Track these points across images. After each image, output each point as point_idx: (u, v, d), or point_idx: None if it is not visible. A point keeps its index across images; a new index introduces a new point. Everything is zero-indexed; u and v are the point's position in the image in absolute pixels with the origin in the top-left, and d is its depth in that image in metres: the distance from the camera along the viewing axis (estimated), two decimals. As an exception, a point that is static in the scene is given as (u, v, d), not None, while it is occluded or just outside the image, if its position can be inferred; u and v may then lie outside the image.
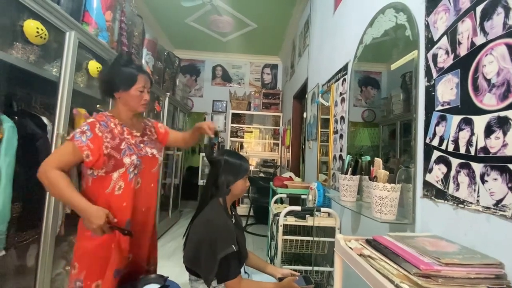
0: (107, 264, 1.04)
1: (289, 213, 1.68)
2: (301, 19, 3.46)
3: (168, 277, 1.13)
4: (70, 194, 0.96)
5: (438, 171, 0.84)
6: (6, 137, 1.16)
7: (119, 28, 2.09)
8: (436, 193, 0.85)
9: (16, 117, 1.29)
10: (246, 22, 3.83)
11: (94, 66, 1.71)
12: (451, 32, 0.82)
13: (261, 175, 4.15)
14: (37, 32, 1.27)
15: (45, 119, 1.42)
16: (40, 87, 1.46)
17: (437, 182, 0.85)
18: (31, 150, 1.34)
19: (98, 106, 1.99)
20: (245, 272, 1.24)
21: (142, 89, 1.14)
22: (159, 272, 1.22)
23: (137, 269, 1.18)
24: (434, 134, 0.87)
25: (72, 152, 1.00)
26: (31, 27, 1.25)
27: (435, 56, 0.89)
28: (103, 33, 1.84)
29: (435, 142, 0.86)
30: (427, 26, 0.95)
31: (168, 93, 3.12)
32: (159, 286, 1.07)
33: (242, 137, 4.73)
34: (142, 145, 1.18)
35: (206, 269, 0.97)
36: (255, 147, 4.77)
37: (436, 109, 0.87)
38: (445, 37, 0.85)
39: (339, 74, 1.86)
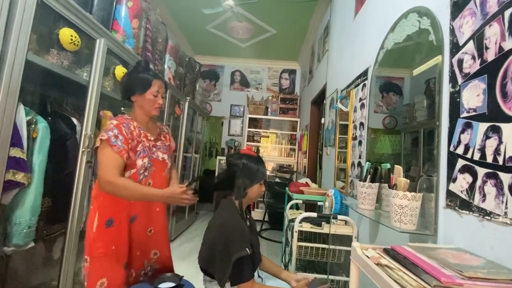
0: (115, 261, 1.09)
1: (305, 220, 1.66)
2: (320, 25, 3.46)
3: (183, 276, 1.16)
4: (144, 190, 1.06)
5: (463, 180, 0.81)
6: (40, 136, 1.25)
7: (144, 35, 2.20)
8: (460, 203, 0.82)
9: (49, 118, 1.38)
10: (265, 28, 3.88)
11: (120, 71, 1.81)
12: (478, 37, 0.79)
13: (277, 180, 4.13)
14: (71, 39, 1.36)
15: (75, 120, 1.51)
16: (71, 90, 1.56)
17: (461, 192, 0.81)
18: (62, 149, 1.43)
19: (122, 108, 2.09)
20: (259, 276, 1.23)
21: (156, 93, 1.20)
22: (176, 271, 1.25)
23: (161, 267, 1.25)
24: (459, 142, 0.84)
25: (116, 156, 1.06)
26: (66, 34, 1.35)
27: (460, 61, 0.86)
28: (129, 40, 1.94)
29: (460, 150, 0.83)
30: (452, 31, 0.92)
31: (188, 97, 3.21)
32: (174, 284, 1.09)
33: (259, 142, 4.75)
34: (154, 149, 1.24)
35: (220, 271, 0.98)
36: (272, 152, 4.77)
37: (461, 116, 0.84)
38: (471, 42, 0.82)
39: (359, 80, 1.84)
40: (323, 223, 1.63)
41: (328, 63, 2.88)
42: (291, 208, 2.22)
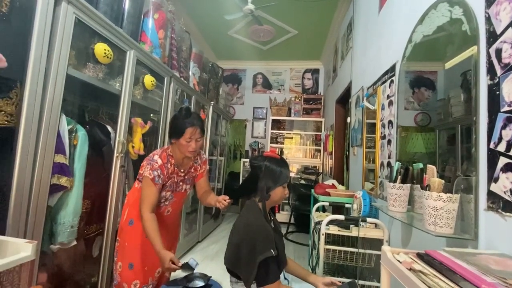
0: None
1: (332, 222, 1.62)
2: (343, 22, 3.37)
3: (211, 276, 1.19)
4: (153, 236, 1.20)
5: (506, 180, 0.74)
6: (80, 143, 1.36)
7: (170, 44, 2.30)
8: (503, 205, 0.75)
9: (87, 126, 1.50)
10: (286, 29, 3.87)
11: (149, 80, 1.91)
12: (519, 23, 0.73)
13: (302, 182, 4.07)
14: (105, 53, 1.47)
15: (109, 128, 1.62)
16: (105, 100, 1.68)
17: (504, 193, 0.74)
18: (98, 154, 1.55)
19: (151, 115, 2.20)
20: (285, 279, 1.23)
21: (189, 140, 1.33)
22: (204, 272, 1.29)
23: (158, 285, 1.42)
24: (500, 139, 0.77)
25: (156, 193, 1.29)
26: (100, 49, 1.45)
27: (498, 51, 0.79)
28: (156, 50, 2.04)
29: (501, 148, 0.76)
30: (487, 19, 0.85)
31: (212, 102, 3.30)
32: (203, 284, 1.13)
33: (282, 143, 4.72)
34: (181, 183, 1.43)
35: (245, 272, 0.99)
36: (296, 153, 4.72)
37: (501, 110, 0.77)
38: (510, 30, 0.75)
39: (386, 76, 1.76)
40: (351, 226, 1.58)
41: (353, 61, 2.79)
42: (317, 210, 2.18)
